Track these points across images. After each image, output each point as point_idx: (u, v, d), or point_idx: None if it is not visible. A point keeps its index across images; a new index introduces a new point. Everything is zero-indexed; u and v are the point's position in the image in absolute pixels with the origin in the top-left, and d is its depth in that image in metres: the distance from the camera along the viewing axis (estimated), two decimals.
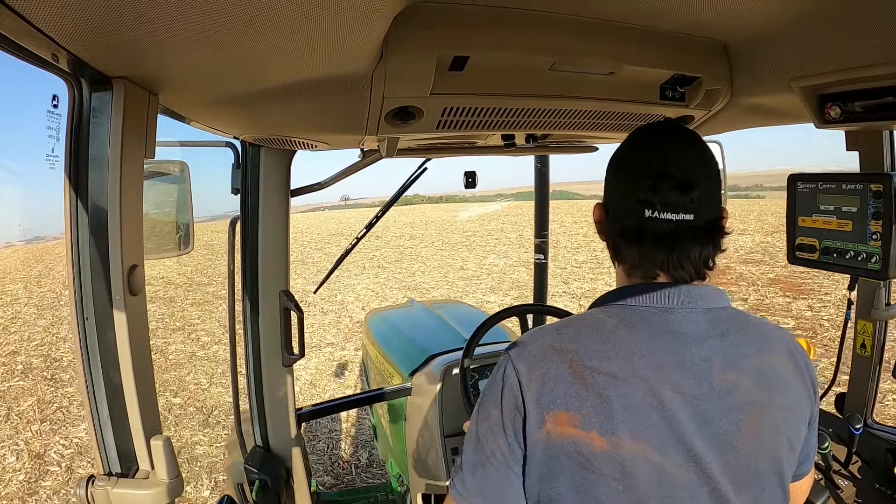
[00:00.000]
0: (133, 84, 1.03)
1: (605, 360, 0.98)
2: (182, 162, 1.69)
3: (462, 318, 3.89)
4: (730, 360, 1.01)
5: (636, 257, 1.07)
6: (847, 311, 2.06)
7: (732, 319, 1.07)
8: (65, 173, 1.04)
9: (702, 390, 0.98)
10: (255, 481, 2.11)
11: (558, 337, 1.04)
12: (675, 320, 1.02)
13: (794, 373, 1.08)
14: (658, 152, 1.09)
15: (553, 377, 0.99)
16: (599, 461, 0.95)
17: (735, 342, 1.03)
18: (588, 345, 1.00)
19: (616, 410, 0.95)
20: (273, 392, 2.22)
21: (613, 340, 1.00)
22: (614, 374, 0.97)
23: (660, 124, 1.18)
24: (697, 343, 1.01)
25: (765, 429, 1.02)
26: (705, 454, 0.97)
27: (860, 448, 2.02)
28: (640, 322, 1.02)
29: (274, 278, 2.12)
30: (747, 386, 1.01)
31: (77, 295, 1.09)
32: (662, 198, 1.02)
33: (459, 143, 2.04)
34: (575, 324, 1.07)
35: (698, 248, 1.05)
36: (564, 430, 0.96)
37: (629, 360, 0.98)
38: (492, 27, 1.16)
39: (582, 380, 0.97)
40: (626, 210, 1.07)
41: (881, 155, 1.77)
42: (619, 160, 1.15)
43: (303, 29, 0.85)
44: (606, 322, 1.04)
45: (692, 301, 1.04)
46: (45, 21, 0.74)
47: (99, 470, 1.14)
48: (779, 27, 1.22)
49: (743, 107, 1.58)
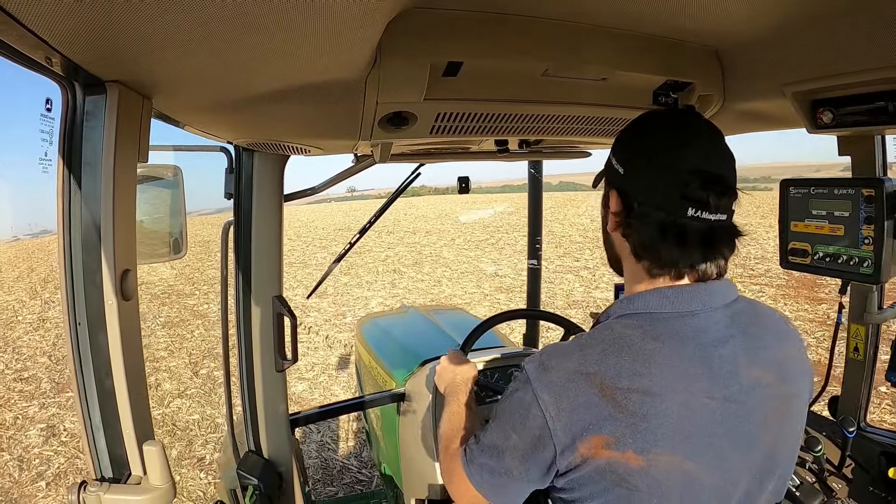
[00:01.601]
0: (127, 88, 1.03)
1: (636, 378, 0.95)
2: (176, 166, 1.69)
3: (456, 324, 3.89)
4: (752, 356, 1.02)
5: (675, 255, 1.03)
6: (839, 314, 2.07)
7: (747, 312, 1.07)
8: (58, 177, 1.04)
9: (732, 391, 0.98)
10: (248, 487, 2.10)
11: (583, 359, 1.00)
12: (700, 324, 1.01)
13: (803, 361, 1.10)
14: (701, 146, 1.04)
15: (583, 403, 0.96)
16: (635, 478, 0.94)
17: (755, 336, 1.04)
18: (616, 364, 0.97)
19: (652, 428, 0.94)
20: (266, 397, 2.22)
21: (642, 356, 0.97)
22: (647, 391, 0.95)
23: (688, 113, 1.13)
24: (722, 344, 1.00)
25: (786, 420, 1.04)
26: (735, 455, 0.98)
27: (854, 451, 2.03)
28: (665, 332, 1.00)
29: (267, 283, 2.12)
30: (770, 379, 1.02)
31: (69, 299, 1.08)
32: (712, 198, 0.99)
33: (453, 148, 2.04)
34: (598, 342, 1.02)
35: (728, 249, 1.05)
36: (599, 452, 0.95)
37: (660, 374, 0.96)
38: (485, 33, 1.16)
39: (614, 402, 0.95)
40: (667, 205, 1.01)
41: (873, 160, 1.78)
42: (651, 149, 1.07)
43: (297, 35, 0.85)
44: (631, 336, 1.00)
45: (712, 299, 1.03)
46: (39, 25, 0.74)
47: (91, 475, 1.14)
48: (771, 33, 1.22)
49: (735, 112, 1.59)
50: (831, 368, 2.15)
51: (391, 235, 24.17)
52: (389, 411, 3.03)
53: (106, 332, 1.07)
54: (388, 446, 3.15)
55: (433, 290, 13.02)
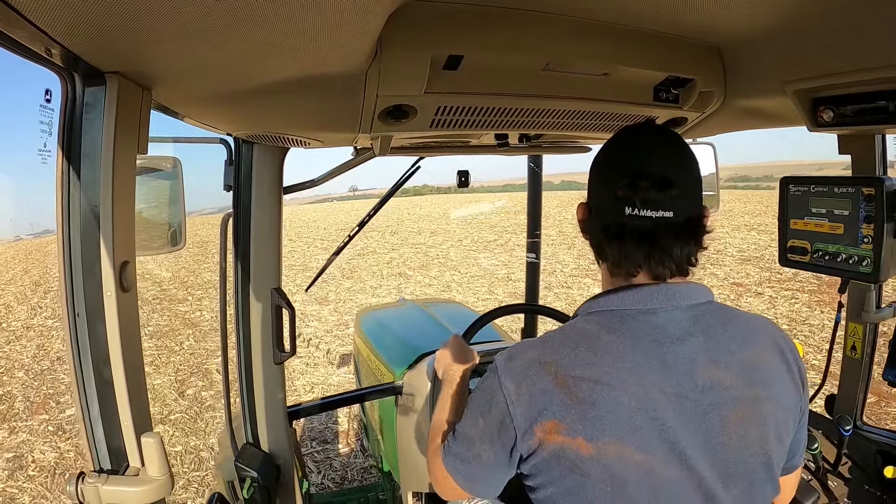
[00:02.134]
0: (126, 79, 1.03)
1: (588, 368, 1.01)
2: (175, 158, 1.69)
3: (454, 318, 3.90)
4: (713, 356, 1.04)
5: (617, 255, 1.09)
6: (837, 313, 2.07)
7: (715, 315, 1.09)
8: (57, 168, 1.04)
9: (686, 388, 1.01)
10: (246, 479, 2.10)
11: (542, 350, 1.07)
12: (657, 321, 1.05)
13: (780, 366, 1.10)
14: (638, 152, 1.12)
15: (539, 390, 1.03)
16: (587, 465, 0.99)
17: (718, 338, 1.06)
18: (571, 354, 1.04)
19: (601, 416, 0.98)
20: (264, 389, 2.22)
21: (596, 347, 1.03)
22: (598, 381, 1.00)
23: (641, 126, 1.22)
24: (680, 342, 1.03)
25: (751, 423, 1.04)
26: (691, 452, 0.99)
27: (850, 449, 2.04)
28: (621, 326, 1.05)
29: (266, 275, 2.12)
30: (731, 382, 1.03)
31: (68, 291, 1.08)
32: (642, 195, 1.04)
33: (452, 142, 2.04)
34: (559, 335, 1.10)
35: (679, 246, 1.07)
36: (553, 437, 1.01)
37: (612, 365, 1.01)
38: (486, 27, 1.16)
39: (566, 389, 1.00)
40: (607, 208, 1.10)
41: (873, 159, 1.78)
42: (600, 160, 1.18)
43: (297, 27, 0.85)
44: (588, 330, 1.07)
45: (673, 299, 1.06)
46: (38, 15, 0.74)
47: (89, 467, 1.14)
48: (772, 30, 1.22)
49: (736, 109, 1.58)
50: (829, 367, 2.16)
51: (395, 236, 23.46)
52: (387, 404, 3.04)
53: (105, 323, 1.07)
54: (386, 439, 3.16)
55: (443, 296, 12.21)
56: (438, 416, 1.44)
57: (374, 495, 3.55)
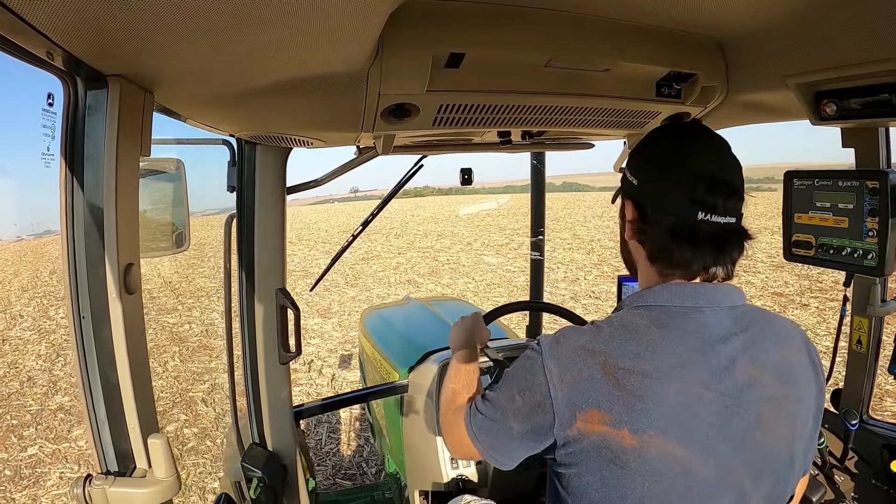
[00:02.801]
0: (129, 82, 1.03)
1: (637, 361, 1.01)
2: (178, 160, 1.69)
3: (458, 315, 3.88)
4: (751, 355, 1.05)
5: (687, 257, 1.09)
6: (843, 307, 2.06)
7: (752, 316, 1.11)
8: (60, 171, 1.04)
9: (727, 386, 1.02)
10: (253, 479, 2.11)
11: (591, 338, 1.07)
12: (704, 319, 1.06)
13: (808, 366, 1.13)
14: (708, 154, 1.11)
15: (586, 378, 1.02)
16: (628, 457, 0.99)
17: (755, 338, 1.07)
18: (621, 346, 1.04)
19: (648, 409, 0.99)
20: (270, 389, 2.22)
21: (646, 341, 1.03)
22: (647, 374, 1.00)
23: (695, 125, 1.20)
24: (723, 341, 1.04)
25: (782, 422, 1.06)
26: (728, 449, 1.01)
27: (856, 443, 2.03)
28: (671, 322, 1.06)
29: (270, 276, 2.12)
30: (767, 380, 1.05)
31: (73, 293, 1.08)
32: (722, 202, 1.06)
33: (455, 140, 2.04)
34: (608, 325, 1.09)
35: (737, 251, 1.11)
36: (596, 427, 1.01)
37: (661, 359, 1.01)
38: (487, 24, 1.16)
39: (615, 380, 1.00)
40: (677, 210, 1.08)
41: (877, 152, 1.77)
42: (660, 158, 1.15)
43: (299, 27, 0.85)
44: (638, 323, 1.07)
45: (718, 299, 1.08)
46: (40, 19, 0.74)
47: (96, 469, 1.14)
48: (774, 24, 1.22)
49: (739, 104, 1.58)
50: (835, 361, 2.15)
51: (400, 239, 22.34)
52: (392, 403, 3.04)
53: (110, 325, 1.07)
54: (392, 438, 3.16)
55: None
56: (453, 383, 1.48)
57: (381, 494, 3.55)
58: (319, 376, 7.08)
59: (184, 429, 5.89)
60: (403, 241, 21.50)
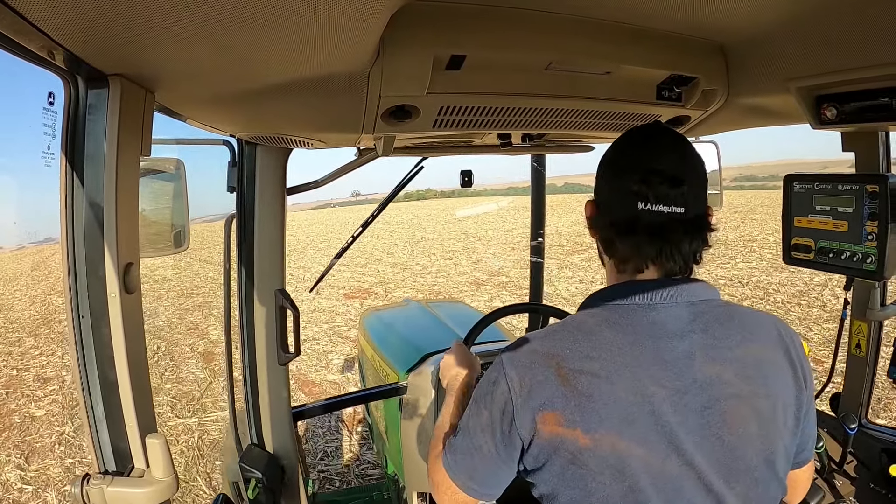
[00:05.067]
0: (129, 81, 1.03)
1: (587, 361, 1.03)
2: (178, 160, 1.69)
3: (458, 318, 3.89)
4: (712, 352, 1.05)
5: (629, 249, 1.11)
6: (843, 311, 2.06)
7: (717, 311, 1.10)
8: (61, 171, 1.04)
9: (684, 384, 1.02)
10: (251, 480, 2.10)
11: (545, 342, 1.09)
12: (657, 316, 1.06)
13: (782, 361, 1.11)
14: (648, 150, 1.14)
15: (541, 381, 1.04)
16: (585, 457, 1.00)
17: (718, 335, 1.07)
18: (573, 347, 1.05)
19: (598, 408, 1.00)
20: (269, 390, 2.22)
21: (596, 341, 1.05)
22: (596, 374, 1.01)
23: (649, 126, 1.23)
24: (679, 337, 1.05)
25: (750, 420, 1.04)
26: (690, 447, 1.00)
27: (855, 448, 2.03)
28: (621, 320, 1.07)
29: (270, 277, 2.12)
30: (729, 377, 1.04)
31: (72, 293, 1.08)
32: (654, 190, 1.06)
33: (456, 142, 2.04)
34: (561, 328, 1.11)
35: (688, 241, 1.10)
36: (553, 429, 1.02)
37: (611, 359, 1.03)
38: (488, 26, 1.16)
39: (566, 381, 1.02)
40: (619, 203, 1.11)
41: (877, 156, 1.78)
42: (610, 158, 1.20)
43: (300, 28, 0.85)
44: (589, 323, 1.09)
45: (675, 295, 1.08)
46: (41, 18, 0.74)
47: (94, 468, 1.14)
48: (775, 28, 1.22)
49: (739, 107, 1.58)
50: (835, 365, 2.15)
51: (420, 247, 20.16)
52: (391, 405, 3.04)
53: (109, 325, 1.07)
54: (391, 439, 3.16)
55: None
56: (441, 422, 1.42)
57: (379, 495, 3.55)
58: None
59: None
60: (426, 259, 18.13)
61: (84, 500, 1.08)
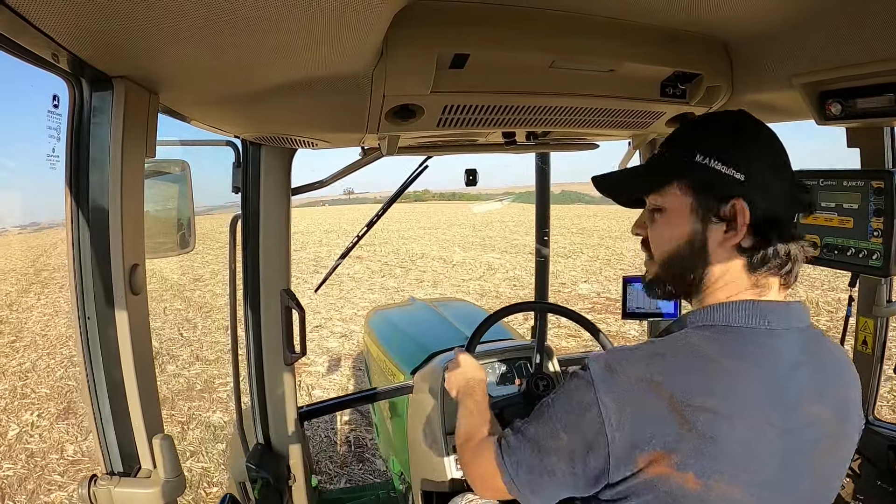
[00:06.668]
0: (134, 83, 1.03)
1: (709, 397, 0.89)
2: (183, 161, 1.70)
3: (463, 316, 3.90)
4: (818, 390, 0.97)
5: (781, 259, 0.98)
6: (848, 307, 2.06)
7: (817, 342, 1.02)
8: (65, 173, 1.04)
9: (791, 423, 0.93)
10: (257, 479, 2.11)
11: (653, 367, 0.93)
12: (777, 344, 0.96)
13: (858, 400, 1.05)
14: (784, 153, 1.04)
15: (650, 415, 0.90)
16: (688, 500, 0.90)
17: (821, 369, 0.99)
18: (689, 377, 0.91)
19: (718, 452, 0.88)
20: (275, 390, 2.23)
21: (716, 372, 0.92)
22: (717, 412, 0.89)
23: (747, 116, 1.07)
24: (793, 370, 0.95)
25: (834, 459, 1.01)
26: (784, 488, 0.94)
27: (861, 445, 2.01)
28: (743, 349, 0.94)
29: (275, 277, 2.13)
30: (828, 417, 0.97)
31: (78, 294, 1.09)
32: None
33: (460, 140, 2.04)
34: (672, 350, 0.96)
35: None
36: (660, 470, 0.90)
37: (732, 394, 0.91)
38: (492, 25, 1.16)
39: (684, 419, 0.88)
40: (785, 211, 1.00)
41: (882, 151, 1.77)
42: (767, 152, 1.02)
43: (303, 28, 0.85)
44: (709, 350, 0.94)
45: (790, 319, 0.98)
46: (45, 20, 0.74)
47: (101, 469, 1.14)
48: (779, 24, 1.21)
49: (743, 103, 1.57)
50: None
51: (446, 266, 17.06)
52: (397, 403, 3.05)
53: (115, 326, 1.08)
54: (397, 438, 3.16)
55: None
56: (468, 421, 1.39)
57: (385, 494, 3.56)
58: None
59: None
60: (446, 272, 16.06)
61: (91, 501, 1.09)
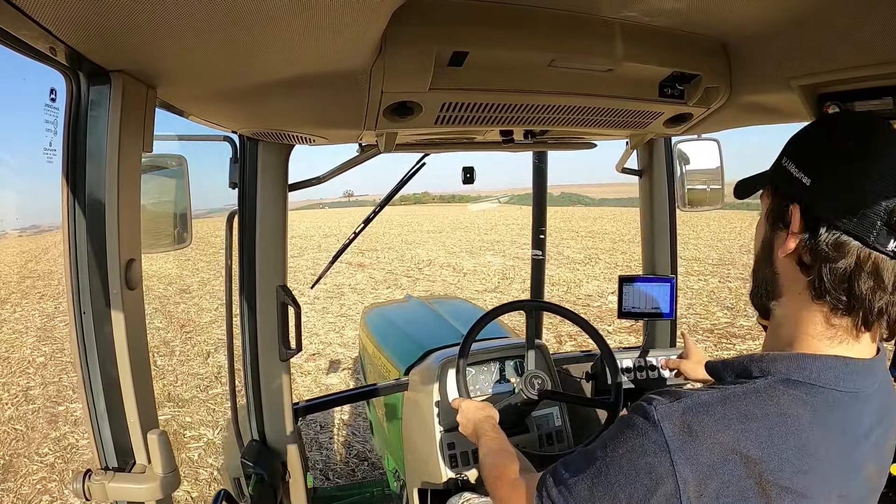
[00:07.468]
0: (131, 78, 1.03)
1: (797, 476, 0.79)
2: (180, 156, 1.69)
3: (459, 314, 3.90)
4: (878, 452, 0.90)
5: (868, 298, 0.80)
6: None
7: (889, 402, 0.91)
8: (62, 167, 1.04)
9: (850, 489, 0.86)
10: (252, 475, 2.11)
11: (744, 435, 0.80)
12: (860, 411, 0.85)
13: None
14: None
15: (735, 494, 0.79)
16: None
17: (886, 434, 0.90)
18: (780, 453, 0.79)
19: None
20: (270, 386, 2.23)
21: (805, 447, 0.80)
22: (803, 494, 0.80)
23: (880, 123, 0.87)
24: (866, 436, 0.86)
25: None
26: None
27: None
28: (831, 417, 0.83)
29: (271, 273, 2.13)
30: (875, 472, 0.90)
31: (74, 289, 1.09)
32: None
33: (458, 138, 2.04)
34: (763, 412, 0.82)
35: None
36: None
37: (817, 472, 0.81)
38: (491, 23, 1.16)
39: (767, 499, 0.79)
40: (864, 232, 0.79)
41: None
42: (852, 160, 0.83)
43: (302, 24, 0.85)
44: (800, 418, 0.81)
45: (873, 377, 0.86)
46: (42, 14, 0.74)
47: (96, 464, 1.14)
48: (778, 26, 1.21)
49: (742, 105, 1.58)
50: None
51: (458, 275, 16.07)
52: (392, 401, 3.04)
53: (111, 321, 1.07)
54: (392, 435, 3.17)
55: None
56: (494, 456, 1.39)
57: (380, 491, 3.56)
58: None
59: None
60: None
61: (86, 496, 1.09)
